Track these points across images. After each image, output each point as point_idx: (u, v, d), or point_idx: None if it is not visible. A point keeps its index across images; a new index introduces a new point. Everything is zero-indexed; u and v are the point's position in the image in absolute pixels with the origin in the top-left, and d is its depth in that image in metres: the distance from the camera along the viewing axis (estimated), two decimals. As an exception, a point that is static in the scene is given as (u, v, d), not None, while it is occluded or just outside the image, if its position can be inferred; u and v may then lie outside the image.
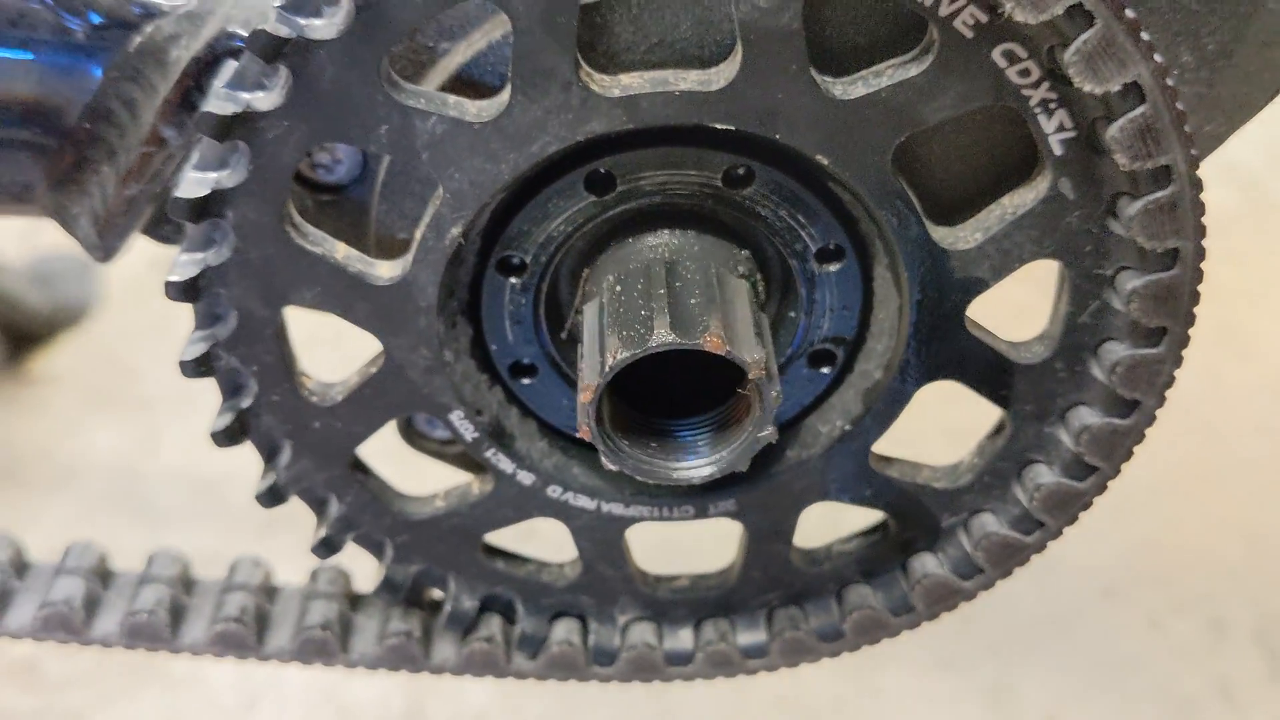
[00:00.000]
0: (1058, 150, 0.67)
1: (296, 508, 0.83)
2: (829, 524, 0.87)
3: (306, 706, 1.66)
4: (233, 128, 0.65)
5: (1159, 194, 0.66)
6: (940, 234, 0.71)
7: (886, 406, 0.77)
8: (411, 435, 0.87)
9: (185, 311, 0.73)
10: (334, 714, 1.64)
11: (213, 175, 0.67)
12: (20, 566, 0.85)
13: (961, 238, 0.71)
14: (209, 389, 0.76)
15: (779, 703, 1.61)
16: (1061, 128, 0.66)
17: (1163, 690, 1.61)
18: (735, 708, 1.60)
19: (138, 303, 2.20)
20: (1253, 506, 1.81)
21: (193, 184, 0.67)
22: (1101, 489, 0.78)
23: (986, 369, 0.75)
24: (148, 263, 2.26)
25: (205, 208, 0.68)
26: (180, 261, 0.70)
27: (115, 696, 1.68)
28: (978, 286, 0.72)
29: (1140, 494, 0.78)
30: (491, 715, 1.61)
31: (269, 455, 0.78)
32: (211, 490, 1.92)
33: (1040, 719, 1.60)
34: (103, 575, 0.86)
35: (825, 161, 0.67)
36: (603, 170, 0.70)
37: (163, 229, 0.79)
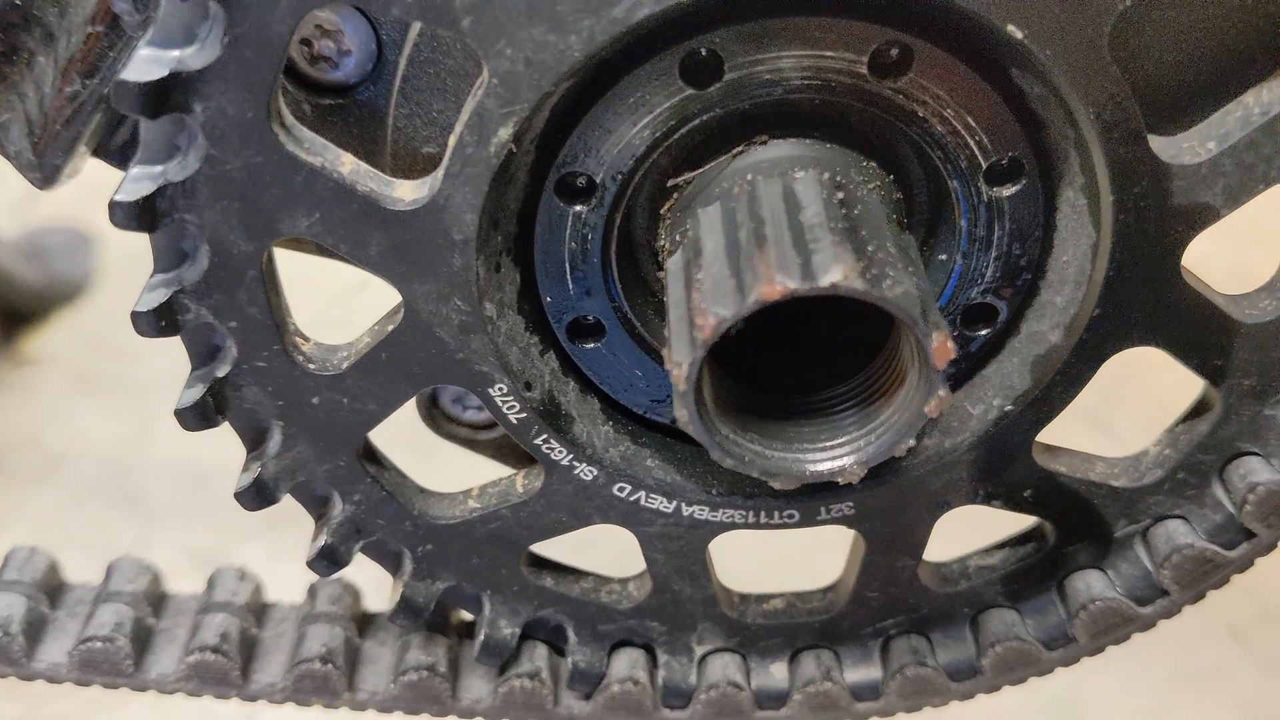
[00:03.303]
0: None
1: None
2: (966, 531, 0.67)
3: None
4: None
5: None
6: (1159, 144, 0.50)
7: (1063, 380, 0.57)
8: (435, 417, 0.67)
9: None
10: (340, 727, 1.45)
11: (174, 52, 0.47)
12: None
13: (1187, 149, 0.51)
14: None
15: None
16: (1348, -11, 0.46)
17: (1244, 706, 1.43)
18: None
19: (134, 281, 1.99)
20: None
21: (147, 63, 0.47)
22: (1339, 489, 0.58)
23: (1199, 330, 0.55)
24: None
25: (165, 98, 0.48)
26: (132, 175, 0.50)
27: (103, 706, 1.49)
28: (1204, 216, 0.52)
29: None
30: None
31: (254, 440, 0.58)
32: (209, 481, 1.73)
33: (1112, 736, 1.41)
34: (51, 591, 0.65)
35: (1019, 35, 0.47)
36: (705, 51, 0.50)
37: (118, 144, 0.59)
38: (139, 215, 0.50)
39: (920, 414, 0.47)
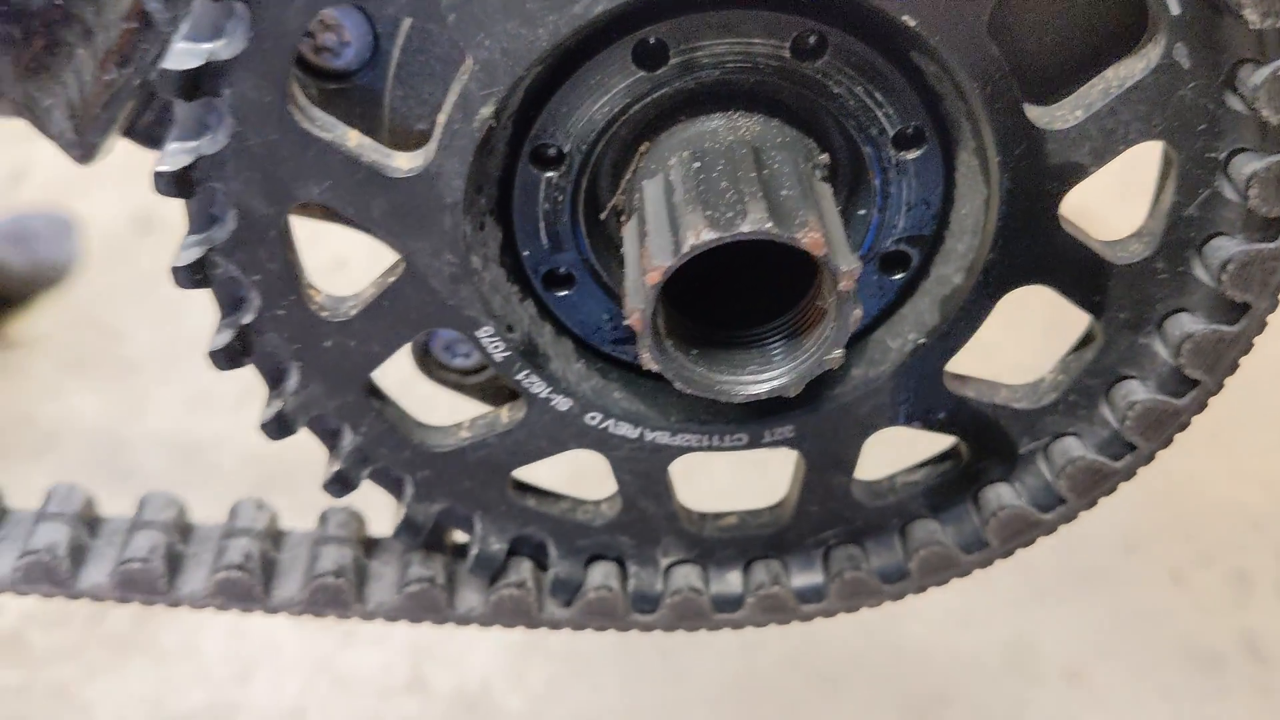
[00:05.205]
0: (1175, 9, 0.58)
1: (292, 469, 0.74)
2: (892, 453, 0.78)
3: (303, 677, 1.57)
4: None
5: (1291, 58, 0.57)
6: (1036, 113, 0.61)
7: (966, 316, 0.68)
8: (428, 364, 0.77)
9: (168, 271, 0.63)
10: (331, 684, 1.55)
11: (206, 45, 0.57)
12: (-3, 513, 0.75)
13: (1059, 117, 0.62)
14: (195, 350, 0.66)
15: (792, 662, 1.53)
16: (1182, -19, 0.57)
17: (1187, 644, 1.54)
18: (747, 669, 1.52)
19: (119, 263, 2.09)
20: (1276, 456, 1.74)
21: (183, 55, 0.57)
22: (1202, 407, 0.69)
23: (1079, 271, 0.66)
24: (129, 220, 2.17)
25: (198, 83, 0.58)
26: (170, 150, 0.60)
27: (103, 669, 1.58)
28: (1076, 173, 0.63)
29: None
30: (495, 682, 1.52)
31: (275, 379, 0.68)
32: (199, 455, 1.82)
33: (1062, 674, 1.53)
34: (90, 522, 0.76)
35: (913, 23, 0.58)
36: (653, 40, 0.61)
37: (145, 125, 0.69)
38: (177, 183, 0.60)
39: (845, 294, 0.57)
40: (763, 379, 0.62)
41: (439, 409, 0.79)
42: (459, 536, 0.78)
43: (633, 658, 1.52)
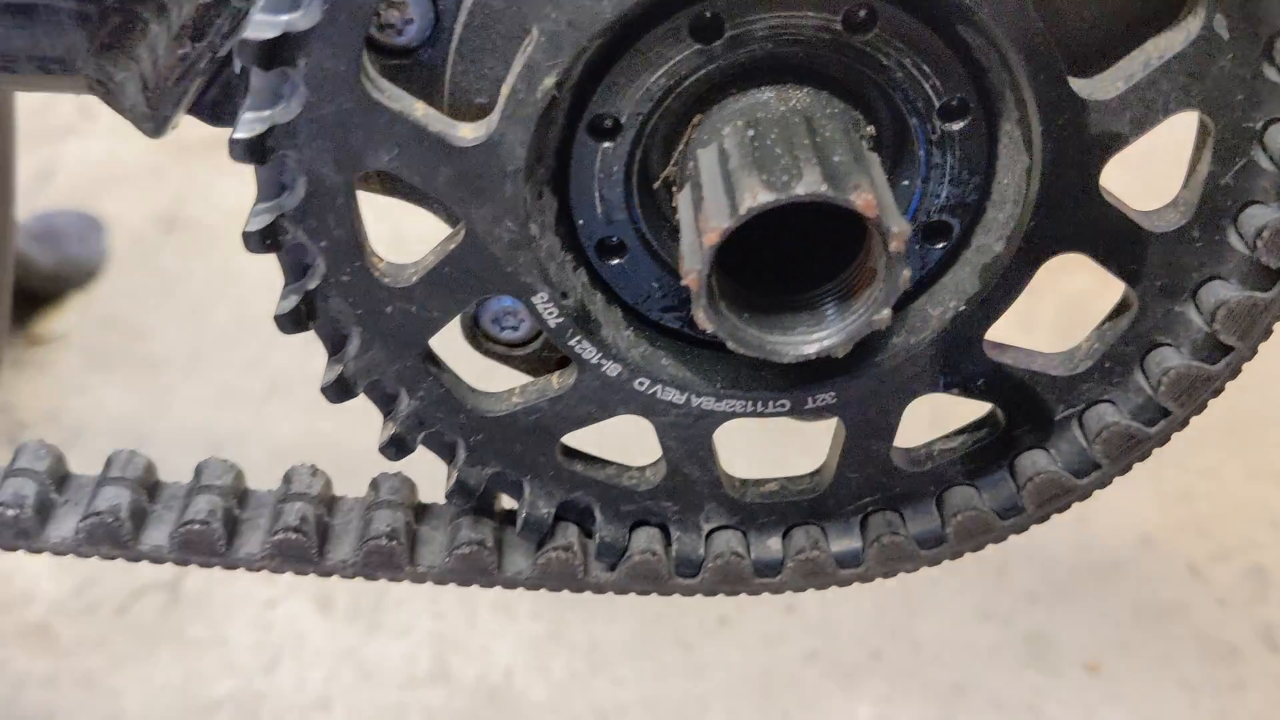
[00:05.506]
0: None
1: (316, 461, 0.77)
2: (927, 421, 0.80)
3: (328, 667, 1.59)
4: None
5: (1327, 30, 0.60)
6: (1079, 84, 0.64)
7: (1006, 283, 0.70)
8: (477, 336, 0.79)
9: (193, 270, 0.65)
10: (356, 673, 1.57)
11: (284, 17, 0.60)
12: (60, 478, 0.77)
13: (1100, 88, 0.64)
14: (220, 347, 0.68)
15: (813, 658, 1.55)
16: (1222, -46, 0.60)
17: (1204, 638, 1.56)
18: (767, 664, 1.54)
19: (144, 262, 2.12)
20: (1293, 451, 1.76)
21: (262, 25, 0.60)
22: (1235, 373, 0.72)
23: (1117, 239, 0.69)
24: (154, 219, 2.20)
25: (275, 53, 0.60)
26: (246, 119, 0.63)
27: (129, 659, 1.60)
28: (1116, 143, 0.65)
29: (1178, 440, 0.74)
30: (518, 673, 1.54)
31: (336, 344, 0.71)
32: (223, 450, 1.83)
33: (1080, 668, 1.55)
34: (150, 486, 0.78)
35: None
36: (709, 13, 0.63)
37: (212, 100, 0.72)
38: (252, 150, 0.63)
39: (895, 255, 0.60)
40: (813, 339, 0.64)
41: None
42: (506, 503, 0.80)
43: (654, 650, 1.54)
